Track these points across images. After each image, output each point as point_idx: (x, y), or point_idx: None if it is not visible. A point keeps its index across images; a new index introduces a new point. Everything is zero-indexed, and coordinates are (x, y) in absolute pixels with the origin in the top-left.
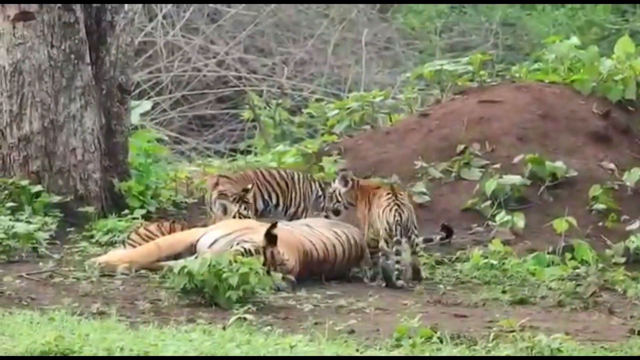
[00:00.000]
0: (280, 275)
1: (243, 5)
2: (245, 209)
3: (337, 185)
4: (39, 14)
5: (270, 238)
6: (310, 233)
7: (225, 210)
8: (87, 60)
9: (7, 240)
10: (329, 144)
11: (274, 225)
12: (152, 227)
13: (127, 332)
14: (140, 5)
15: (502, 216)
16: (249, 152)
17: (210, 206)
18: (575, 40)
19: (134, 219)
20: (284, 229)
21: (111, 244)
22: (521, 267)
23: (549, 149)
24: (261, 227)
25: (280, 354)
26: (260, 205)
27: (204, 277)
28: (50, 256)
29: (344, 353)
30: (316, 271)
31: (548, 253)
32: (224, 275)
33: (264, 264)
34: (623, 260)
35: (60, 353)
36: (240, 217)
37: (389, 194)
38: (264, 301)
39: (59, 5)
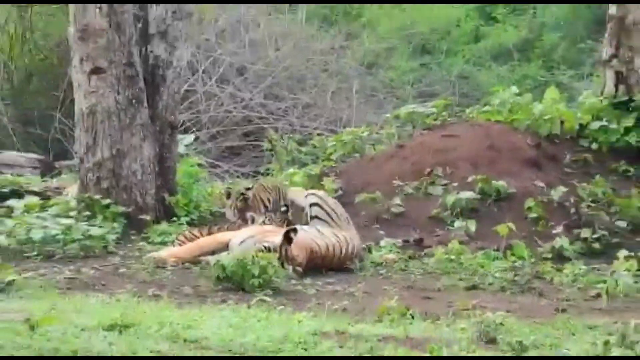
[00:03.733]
0: (291, 267)
1: (264, 62)
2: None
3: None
4: (108, 69)
5: (288, 238)
6: (318, 236)
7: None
8: (145, 104)
9: (84, 240)
10: (328, 167)
11: (293, 230)
12: (195, 230)
13: (175, 310)
14: (185, 63)
15: (458, 223)
16: (267, 174)
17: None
18: (514, 89)
19: (180, 224)
20: (299, 231)
21: (163, 243)
22: (473, 261)
23: (494, 171)
24: (278, 230)
25: (290, 327)
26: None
27: (233, 268)
28: (117, 252)
29: (339, 327)
30: (319, 265)
31: (493, 250)
32: (248, 267)
33: (279, 259)
34: (550, 256)
35: (124, 326)
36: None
37: None
38: (279, 287)
39: (123, 62)
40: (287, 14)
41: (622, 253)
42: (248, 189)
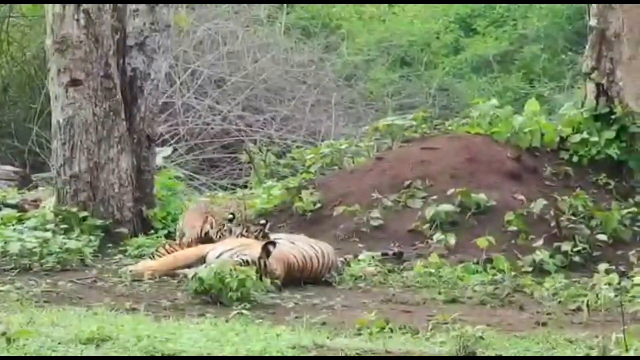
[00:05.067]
0: (269, 280)
1: (242, 74)
2: (246, 230)
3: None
4: (85, 81)
5: (266, 251)
6: (294, 248)
7: (230, 232)
8: (123, 116)
9: (61, 253)
10: (307, 180)
11: (272, 243)
12: (174, 243)
13: (152, 323)
14: (163, 75)
15: (438, 236)
16: (245, 187)
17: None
18: (494, 101)
19: (158, 237)
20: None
21: (140, 256)
22: (453, 274)
23: (474, 184)
24: (255, 243)
25: (268, 341)
26: None
27: (211, 281)
28: (94, 266)
29: (318, 340)
30: (297, 277)
31: (473, 263)
32: (227, 280)
33: (257, 272)
34: (530, 269)
35: (101, 339)
36: (240, 237)
37: None
38: (257, 300)
39: (101, 74)
40: (266, 25)
41: (603, 266)
42: (263, 224)
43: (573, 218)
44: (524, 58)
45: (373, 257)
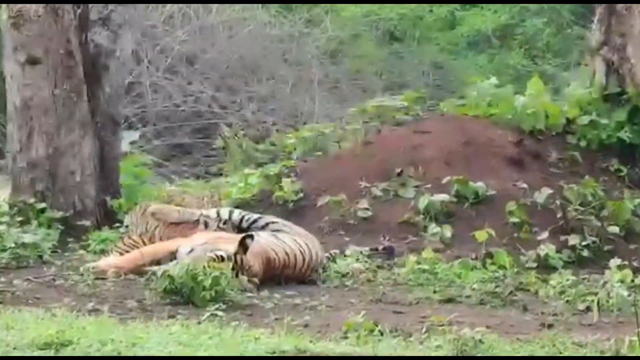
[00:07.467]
0: (246, 278)
1: (216, 51)
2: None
3: None
4: (44, 59)
5: (244, 245)
6: (276, 243)
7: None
8: (85, 97)
9: (16, 248)
10: (288, 167)
11: (249, 236)
12: (136, 237)
13: (117, 326)
14: (129, 52)
15: (432, 228)
16: (220, 175)
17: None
18: (493, 80)
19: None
20: (255, 238)
21: (104, 252)
22: (449, 271)
23: (471, 171)
24: (230, 237)
25: (245, 345)
26: None
27: (183, 279)
28: (53, 262)
29: (300, 345)
30: (278, 275)
31: (471, 259)
32: (199, 278)
33: (233, 269)
34: (535, 265)
35: (60, 344)
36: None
37: None
38: (233, 300)
39: (61, 51)
40: None
41: (615, 262)
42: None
43: (581, 208)
44: (526, 32)
45: (361, 252)
